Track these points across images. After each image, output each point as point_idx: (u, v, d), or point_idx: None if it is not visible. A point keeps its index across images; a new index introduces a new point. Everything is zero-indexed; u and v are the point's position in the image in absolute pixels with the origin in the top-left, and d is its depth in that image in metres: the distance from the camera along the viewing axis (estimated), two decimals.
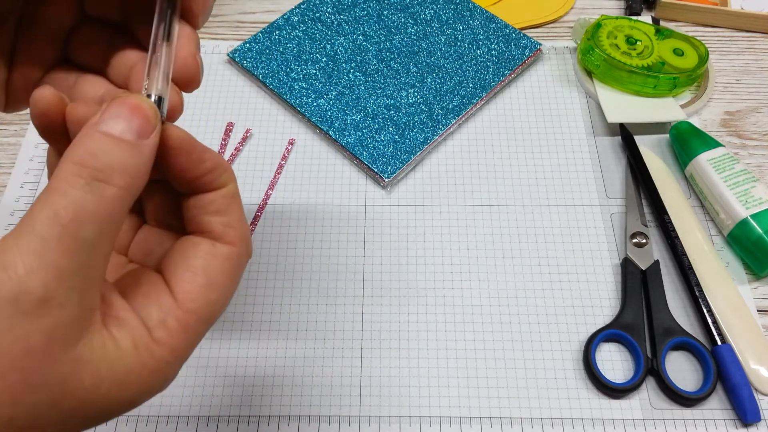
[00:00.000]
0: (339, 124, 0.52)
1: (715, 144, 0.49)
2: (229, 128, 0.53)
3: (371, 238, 0.47)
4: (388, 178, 0.49)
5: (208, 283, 0.24)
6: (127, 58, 0.29)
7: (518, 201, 0.49)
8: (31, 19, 0.30)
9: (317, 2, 0.59)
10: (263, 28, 0.58)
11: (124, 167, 0.21)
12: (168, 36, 0.25)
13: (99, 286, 0.22)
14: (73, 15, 0.30)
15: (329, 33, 0.57)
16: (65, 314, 0.20)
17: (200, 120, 0.53)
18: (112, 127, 0.22)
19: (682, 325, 0.42)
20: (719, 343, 0.41)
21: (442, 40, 0.57)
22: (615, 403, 0.41)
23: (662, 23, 0.60)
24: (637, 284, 0.44)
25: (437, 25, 0.58)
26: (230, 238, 0.25)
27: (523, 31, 0.58)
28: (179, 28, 0.26)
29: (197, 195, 0.25)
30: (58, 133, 0.24)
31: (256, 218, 0.48)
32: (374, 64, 0.55)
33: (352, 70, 0.55)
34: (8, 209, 0.49)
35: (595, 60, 0.53)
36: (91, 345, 0.21)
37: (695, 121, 0.53)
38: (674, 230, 0.46)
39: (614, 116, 0.52)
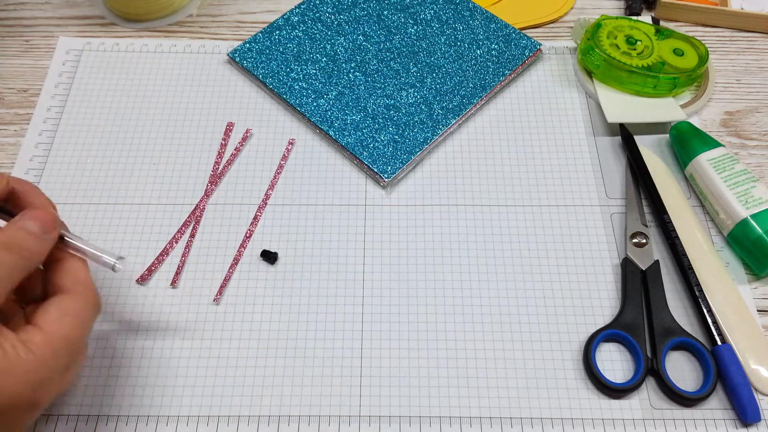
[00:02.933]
0: (339, 124, 0.52)
1: (715, 144, 0.49)
2: (229, 128, 0.53)
3: (371, 238, 0.47)
4: (388, 178, 0.49)
5: (63, 312, 0.33)
6: None
7: (518, 201, 0.49)
8: None
9: (317, 2, 0.59)
10: (263, 28, 0.58)
11: (31, 248, 0.33)
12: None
13: None
14: None
15: (329, 33, 0.57)
16: None
17: (200, 120, 0.53)
18: (29, 225, 0.33)
19: (682, 325, 0.42)
20: (719, 343, 0.41)
21: (442, 40, 0.57)
22: (615, 403, 0.41)
23: (662, 23, 0.60)
24: (637, 284, 0.44)
25: (437, 25, 0.58)
26: (78, 290, 0.34)
27: (523, 31, 0.58)
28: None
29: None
30: None
31: (256, 218, 0.48)
32: (374, 64, 0.55)
33: (352, 70, 0.55)
34: None
35: (595, 60, 0.53)
36: None
37: (695, 121, 0.53)
38: (674, 230, 0.46)
39: (614, 116, 0.52)
